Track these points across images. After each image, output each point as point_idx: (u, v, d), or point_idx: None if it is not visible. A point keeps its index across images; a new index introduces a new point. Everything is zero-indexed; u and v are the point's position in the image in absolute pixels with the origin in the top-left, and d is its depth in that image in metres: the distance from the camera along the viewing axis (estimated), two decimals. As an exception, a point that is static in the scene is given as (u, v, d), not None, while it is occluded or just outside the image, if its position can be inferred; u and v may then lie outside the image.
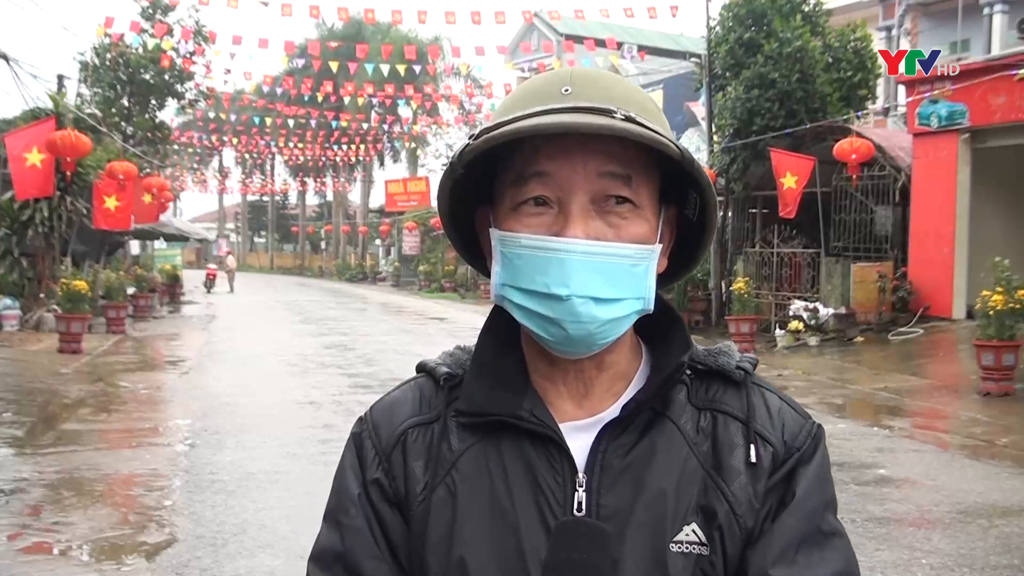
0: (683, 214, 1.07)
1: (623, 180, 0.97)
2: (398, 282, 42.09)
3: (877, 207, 16.73)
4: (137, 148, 22.42)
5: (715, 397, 1.05)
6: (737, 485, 0.99)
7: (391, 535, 1.02)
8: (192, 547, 5.56)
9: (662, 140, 0.94)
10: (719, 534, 0.98)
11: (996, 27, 19.92)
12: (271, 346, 17.02)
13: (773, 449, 1.02)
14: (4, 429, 8.80)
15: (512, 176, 0.99)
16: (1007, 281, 10.92)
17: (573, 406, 1.03)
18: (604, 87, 0.98)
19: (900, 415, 10.47)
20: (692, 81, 21.29)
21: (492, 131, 0.95)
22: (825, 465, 1.04)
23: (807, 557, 0.97)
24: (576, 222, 0.96)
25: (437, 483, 1.02)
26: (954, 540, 5.76)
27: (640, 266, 0.99)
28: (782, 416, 1.04)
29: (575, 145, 0.96)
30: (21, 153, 13.42)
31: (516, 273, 0.98)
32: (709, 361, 1.06)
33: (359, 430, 1.09)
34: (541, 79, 1.02)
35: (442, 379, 1.07)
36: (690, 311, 19.47)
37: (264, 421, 9.59)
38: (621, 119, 0.93)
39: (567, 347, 0.99)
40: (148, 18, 23.07)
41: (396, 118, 40.84)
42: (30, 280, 17.90)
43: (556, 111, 0.94)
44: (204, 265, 46.51)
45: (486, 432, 1.02)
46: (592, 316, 0.96)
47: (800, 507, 0.99)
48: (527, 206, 0.98)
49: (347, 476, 1.06)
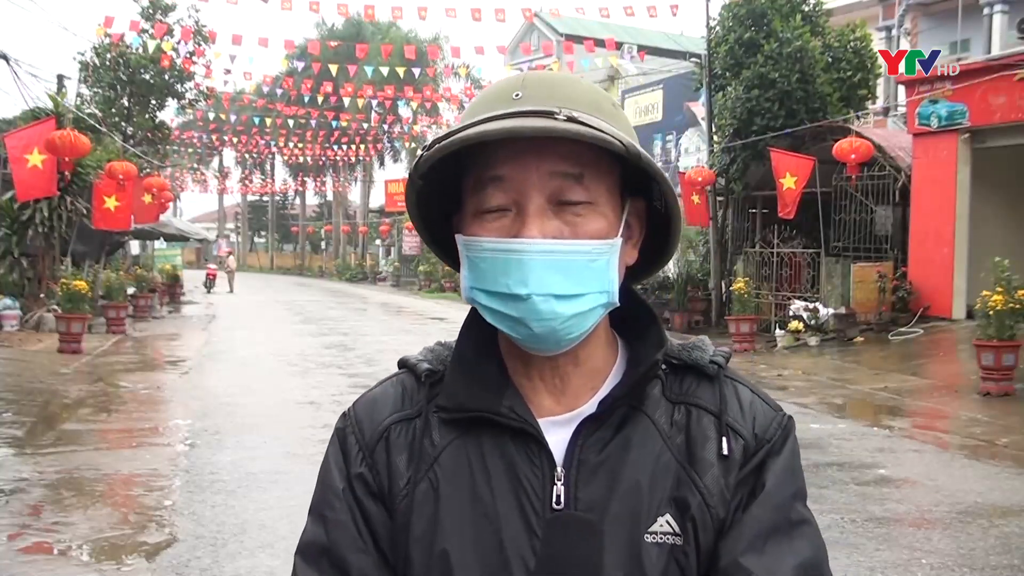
0: (654, 207, 1.09)
1: (575, 179, 0.99)
2: (398, 282, 42.08)
3: (877, 207, 16.73)
4: (137, 148, 22.41)
5: (689, 391, 1.07)
6: (709, 477, 1.02)
7: (375, 528, 1.04)
8: (192, 547, 5.57)
9: (604, 137, 0.95)
10: (692, 525, 1.00)
11: (996, 27, 19.90)
12: (271, 346, 17.03)
13: (744, 441, 1.04)
14: (4, 429, 8.80)
15: (472, 182, 1.02)
16: (1007, 281, 10.92)
17: (551, 401, 1.06)
18: (554, 89, 1.00)
19: (900, 415, 10.48)
20: (692, 81, 21.28)
21: (443, 140, 0.98)
22: (795, 456, 1.07)
23: (776, 546, 1.00)
24: (532, 223, 0.98)
25: (420, 477, 1.04)
26: (954, 540, 5.76)
27: (599, 261, 1.00)
28: (753, 409, 1.07)
29: (527, 148, 0.98)
30: (22, 154, 13.37)
31: (481, 276, 1.01)
32: (683, 356, 1.09)
33: (342, 425, 1.11)
34: (496, 85, 1.05)
35: (423, 375, 1.09)
36: (690, 311, 19.49)
37: (264, 421, 9.59)
38: (563, 120, 0.95)
39: (535, 344, 1.01)
40: (148, 18, 23.07)
41: (396, 118, 40.82)
42: (30, 280, 17.92)
43: (503, 116, 0.97)
44: (204, 265, 46.51)
45: (467, 427, 1.04)
46: (554, 313, 0.98)
47: (769, 498, 1.02)
48: (487, 211, 1.01)
49: (331, 471, 1.08)
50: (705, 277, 20.24)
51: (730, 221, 19.65)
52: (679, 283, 19.80)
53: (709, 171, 17.84)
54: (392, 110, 38.77)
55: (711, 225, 19.11)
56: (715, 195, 18.96)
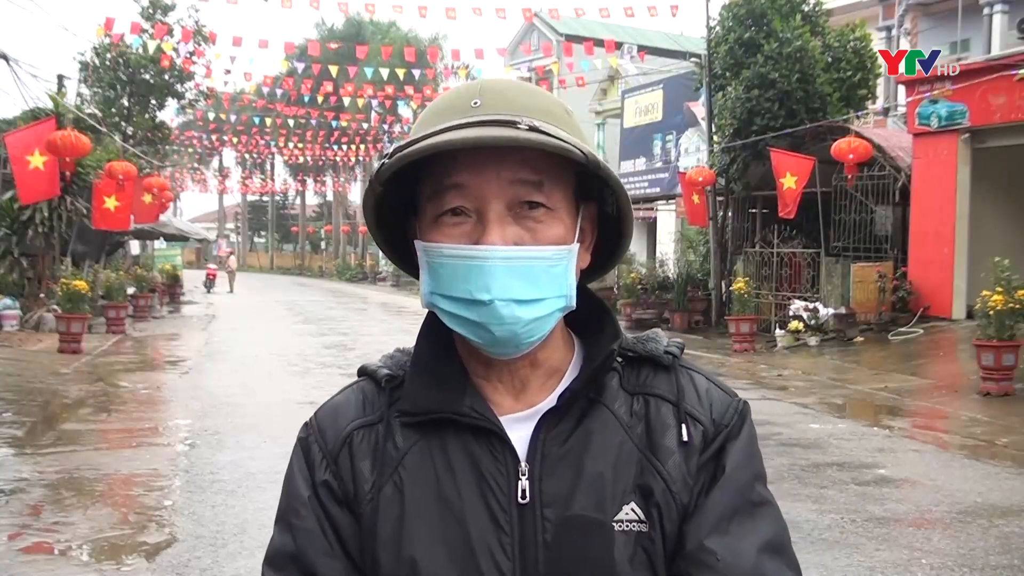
0: (604, 211, 1.11)
1: (535, 186, 1.01)
2: (398, 282, 42.07)
3: (877, 207, 16.73)
4: (137, 148, 22.41)
5: (646, 382, 1.10)
6: (671, 464, 1.04)
7: (343, 534, 1.06)
8: (192, 547, 5.56)
9: (565, 146, 0.97)
10: (657, 511, 1.03)
11: (996, 27, 19.90)
12: (271, 346, 17.02)
13: (703, 427, 1.07)
14: (4, 429, 8.80)
15: (430, 189, 1.03)
16: (1007, 281, 10.92)
17: (511, 400, 1.08)
18: (511, 97, 1.02)
19: (900, 415, 10.48)
20: (692, 81, 21.28)
21: (404, 148, 0.99)
22: (752, 439, 1.09)
23: (739, 527, 1.03)
24: (493, 229, 1.00)
25: (384, 481, 1.05)
26: (954, 540, 5.76)
27: (559, 266, 1.03)
28: (710, 396, 1.10)
29: (487, 156, 0.99)
30: (23, 156, 13.33)
31: (441, 281, 1.03)
32: (638, 348, 1.11)
33: (305, 435, 1.12)
34: (454, 93, 1.07)
35: (383, 380, 1.11)
36: (690, 311, 19.49)
37: (264, 421, 9.59)
38: (525, 129, 0.97)
39: (496, 347, 1.03)
40: (148, 18, 23.07)
41: (396, 118, 40.82)
42: (30, 280, 17.92)
43: (464, 125, 0.98)
44: (204, 265, 46.51)
45: (429, 429, 1.06)
46: (515, 317, 1.00)
47: (730, 481, 1.05)
48: (446, 217, 1.02)
49: (296, 480, 1.09)
50: (705, 277, 20.24)
51: (730, 221, 19.65)
52: (679, 283, 19.81)
53: (709, 171, 17.84)
54: (392, 110, 38.77)
55: (711, 225, 19.11)
56: (715, 195, 18.96)
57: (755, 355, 15.73)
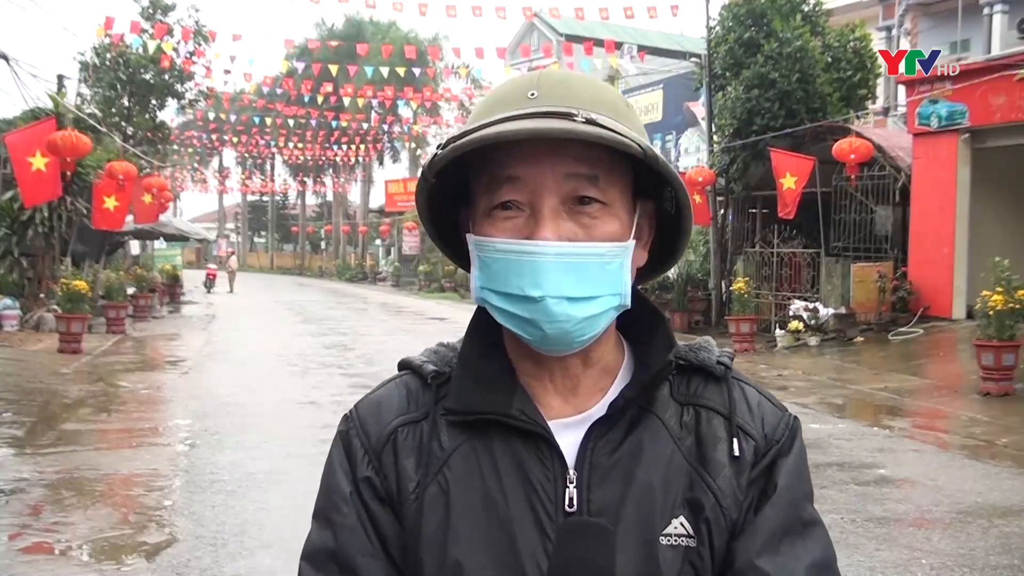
0: (662, 208, 1.09)
1: (591, 181, 0.99)
2: (398, 282, 42.09)
3: (877, 207, 16.72)
4: (137, 148, 22.40)
5: (697, 392, 1.07)
6: (722, 478, 1.02)
7: (384, 532, 1.03)
8: (192, 547, 5.56)
9: (623, 140, 0.95)
10: (706, 527, 1.00)
11: (996, 27, 19.90)
12: (271, 346, 17.02)
13: (755, 442, 1.05)
14: (4, 429, 8.79)
15: (485, 181, 1.01)
16: (1007, 281, 10.91)
17: (560, 403, 1.05)
18: (570, 89, 1.00)
19: (900, 415, 10.47)
20: (692, 81, 21.29)
21: (459, 139, 0.97)
22: (802, 456, 1.07)
23: (790, 547, 1.01)
24: (547, 224, 0.97)
25: (429, 481, 1.03)
26: (954, 540, 5.76)
27: (613, 263, 1.00)
28: (761, 410, 1.07)
29: (543, 149, 0.97)
30: (24, 157, 13.29)
31: (492, 276, 1.00)
32: (690, 357, 1.08)
33: (346, 428, 1.09)
34: (510, 83, 1.04)
35: (429, 377, 1.08)
36: (690, 311, 19.48)
37: (264, 421, 9.59)
38: (582, 122, 0.94)
39: (546, 345, 1.01)
40: (148, 18, 23.08)
41: (396, 118, 40.84)
42: (30, 280, 17.92)
43: (520, 117, 0.96)
44: (204, 265, 46.51)
45: (476, 430, 1.03)
46: (567, 315, 0.98)
47: (781, 498, 1.03)
48: (500, 210, 1.00)
49: (336, 474, 1.06)
50: (705, 277, 20.24)
51: (730, 221, 19.65)
52: (679, 283, 19.81)
53: (709, 171, 17.84)
54: (392, 110, 38.79)
55: (711, 225, 19.11)
56: (715, 195, 18.96)
57: (755, 355, 15.73)
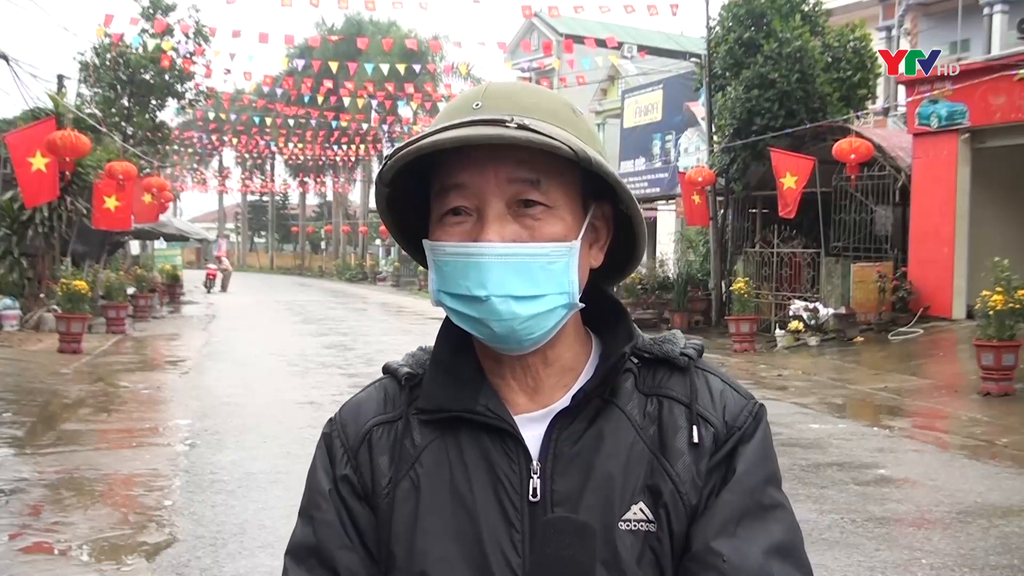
0: (621, 210, 1.11)
1: (532, 184, 1.02)
2: (398, 282, 42.10)
3: (877, 207, 16.72)
4: (137, 148, 22.41)
5: (661, 383, 1.10)
6: (681, 465, 1.05)
7: (361, 527, 1.09)
8: (192, 547, 5.57)
9: (551, 143, 0.98)
10: (665, 512, 1.04)
11: (996, 27, 19.90)
12: (271, 346, 17.03)
13: (715, 430, 1.07)
14: (4, 429, 8.80)
15: (436, 189, 1.06)
16: (1007, 281, 10.92)
17: (525, 400, 1.09)
18: (511, 98, 1.04)
19: (900, 415, 10.47)
20: (692, 81, 21.28)
21: (403, 149, 1.02)
22: (766, 442, 1.09)
23: (747, 530, 1.03)
24: (491, 227, 1.02)
25: (401, 477, 1.08)
26: (954, 540, 5.76)
27: (558, 263, 1.03)
28: (724, 398, 1.10)
29: (485, 156, 1.01)
30: (25, 157, 13.28)
31: (445, 279, 1.05)
32: (655, 349, 1.12)
33: (329, 430, 1.15)
34: (460, 96, 1.09)
35: (403, 379, 1.14)
36: (690, 311, 19.49)
37: (264, 421, 9.59)
38: (514, 127, 0.98)
39: (498, 343, 1.05)
40: (148, 18, 23.07)
41: (396, 118, 40.83)
42: (30, 280, 17.91)
43: (459, 125, 1.00)
44: (204, 265, 46.52)
45: (446, 428, 1.08)
46: (513, 313, 1.02)
47: (740, 483, 1.05)
48: (450, 216, 1.04)
49: (318, 474, 1.13)
50: (705, 277, 20.24)
51: (730, 221, 19.65)
52: (679, 283, 19.81)
53: (709, 171, 17.84)
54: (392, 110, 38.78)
55: (711, 225, 19.11)
56: (715, 195, 18.96)
57: (755, 355, 15.73)
